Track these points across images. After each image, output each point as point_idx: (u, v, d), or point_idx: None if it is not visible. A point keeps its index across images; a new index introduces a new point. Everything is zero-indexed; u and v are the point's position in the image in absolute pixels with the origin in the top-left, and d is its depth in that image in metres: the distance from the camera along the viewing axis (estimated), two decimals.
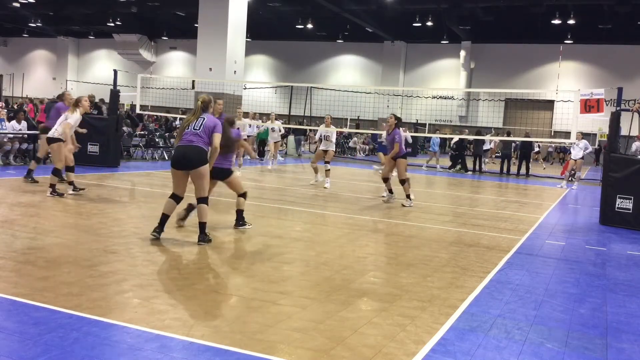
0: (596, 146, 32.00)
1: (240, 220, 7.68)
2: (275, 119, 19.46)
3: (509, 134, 24.78)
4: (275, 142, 18.13)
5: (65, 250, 5.80)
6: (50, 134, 9.30)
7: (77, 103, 9.41)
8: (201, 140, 6.53)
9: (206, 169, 6.52)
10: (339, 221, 8.93)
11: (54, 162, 9.41)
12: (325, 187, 12.76)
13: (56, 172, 9.25)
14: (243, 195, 7.70)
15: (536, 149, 28.72)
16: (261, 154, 21.03)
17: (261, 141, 21.02)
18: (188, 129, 6.60)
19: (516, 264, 6.72)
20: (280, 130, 20.19)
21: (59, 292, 4.50)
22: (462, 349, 3.97)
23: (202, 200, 6.56)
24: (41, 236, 6.32)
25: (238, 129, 8.73)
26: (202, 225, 6.57)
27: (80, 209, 8.19)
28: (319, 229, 8.17)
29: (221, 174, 7.37)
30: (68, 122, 9.23)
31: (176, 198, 6.64)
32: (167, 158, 17.97)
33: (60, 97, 9.37)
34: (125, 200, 9.65)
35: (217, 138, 6.60)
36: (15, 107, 19.56)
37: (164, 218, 6.61)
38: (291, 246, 6.84)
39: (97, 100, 16.23)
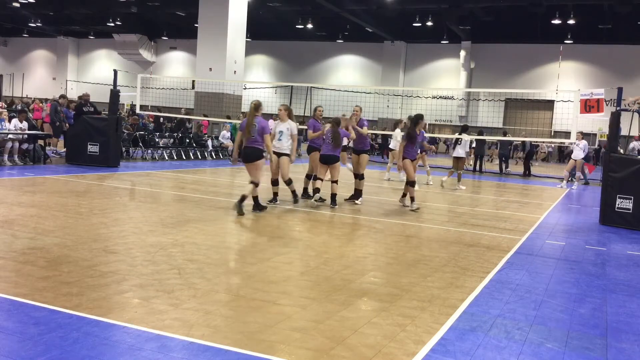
0: (596, 146, 31.98)
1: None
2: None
3: (505, 134, 24.77)
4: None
5: (65, 250, 5.80)
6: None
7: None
8: None
9: None
10: (339, 221, 8.93)
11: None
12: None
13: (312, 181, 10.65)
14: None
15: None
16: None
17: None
18: None
19: (516, 264, 6.72)
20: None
21: (59, 292, 4.50)
22: (462, 349, 3.97)
23: None
24: (41, 236, 6.32)
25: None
26: None
27: (80, 209, 8.19)
28: (319, 229, 8.18)
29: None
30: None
31: None
32: (166, 158, 17.99)
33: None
34: (125, 200, 9.65)
35: None
36: (19, 106, 19.57)
37: None
38: (291, 246, 6.84)
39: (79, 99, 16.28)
